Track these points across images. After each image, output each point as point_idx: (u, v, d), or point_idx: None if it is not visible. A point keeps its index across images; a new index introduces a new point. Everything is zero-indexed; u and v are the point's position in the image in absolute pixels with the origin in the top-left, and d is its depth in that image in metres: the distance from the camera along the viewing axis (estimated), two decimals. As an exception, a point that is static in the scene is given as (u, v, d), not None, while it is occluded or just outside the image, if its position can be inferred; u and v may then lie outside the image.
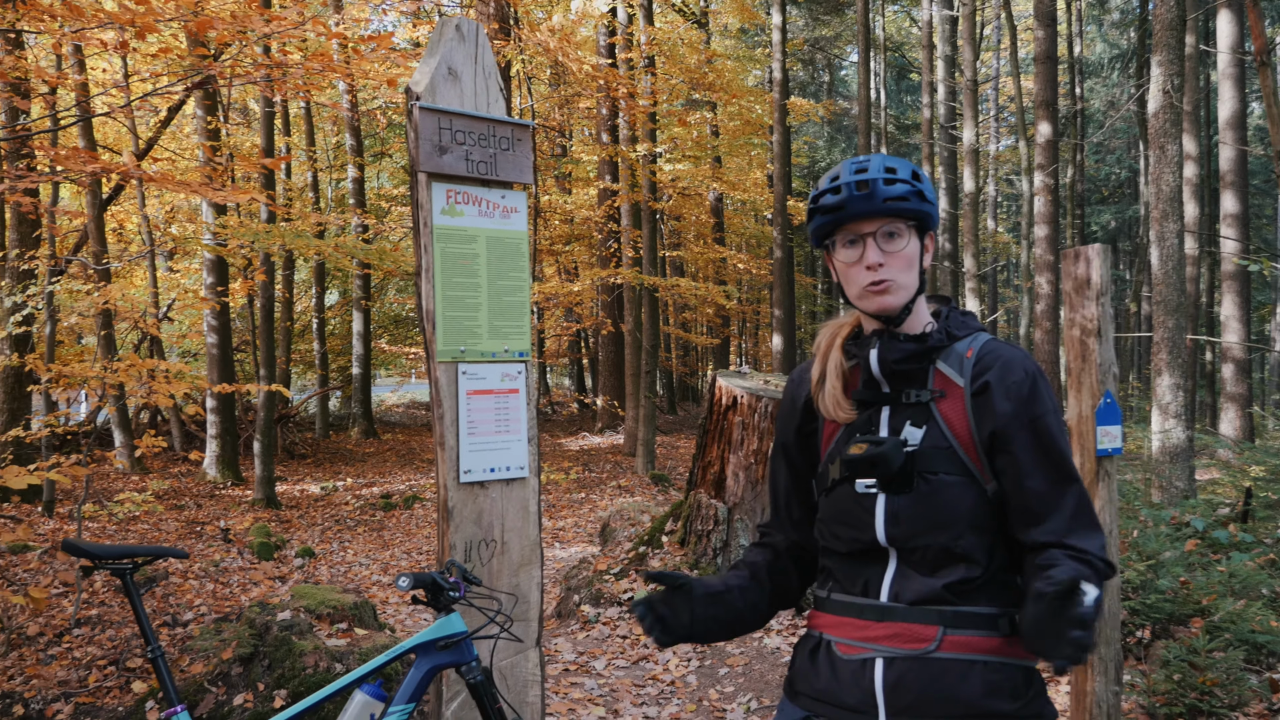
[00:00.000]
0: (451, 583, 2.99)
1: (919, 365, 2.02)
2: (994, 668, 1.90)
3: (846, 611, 2.02)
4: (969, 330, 2.07)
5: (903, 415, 2.01)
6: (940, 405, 1.99)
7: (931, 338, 2.02)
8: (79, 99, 10.51)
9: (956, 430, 1.96)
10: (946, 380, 2.01)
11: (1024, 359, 2.00)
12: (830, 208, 2.00)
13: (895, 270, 1.99)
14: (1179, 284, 9.64)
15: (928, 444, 1.96)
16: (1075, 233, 29.56)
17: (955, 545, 1.92)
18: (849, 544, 2.02)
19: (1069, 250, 3.91)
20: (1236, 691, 4.78)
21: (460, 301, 3.45)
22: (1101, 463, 3.87)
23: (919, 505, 1.93)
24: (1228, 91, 16.71)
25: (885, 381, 2.05)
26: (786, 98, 22.25)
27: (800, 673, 2.10)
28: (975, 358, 2.01)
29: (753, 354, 41.24)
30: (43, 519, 10.52)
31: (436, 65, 3.42)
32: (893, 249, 1.99)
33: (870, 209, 1.96)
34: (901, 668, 1.91)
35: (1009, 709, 1.89)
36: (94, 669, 5.75)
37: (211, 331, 15.60)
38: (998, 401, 1.95)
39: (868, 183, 1.96)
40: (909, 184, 1.97)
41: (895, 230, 1.99)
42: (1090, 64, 37.40)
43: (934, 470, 1.94)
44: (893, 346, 2.02)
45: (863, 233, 1.99)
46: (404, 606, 9.03)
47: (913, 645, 1.91)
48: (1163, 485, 9.49)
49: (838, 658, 2.00)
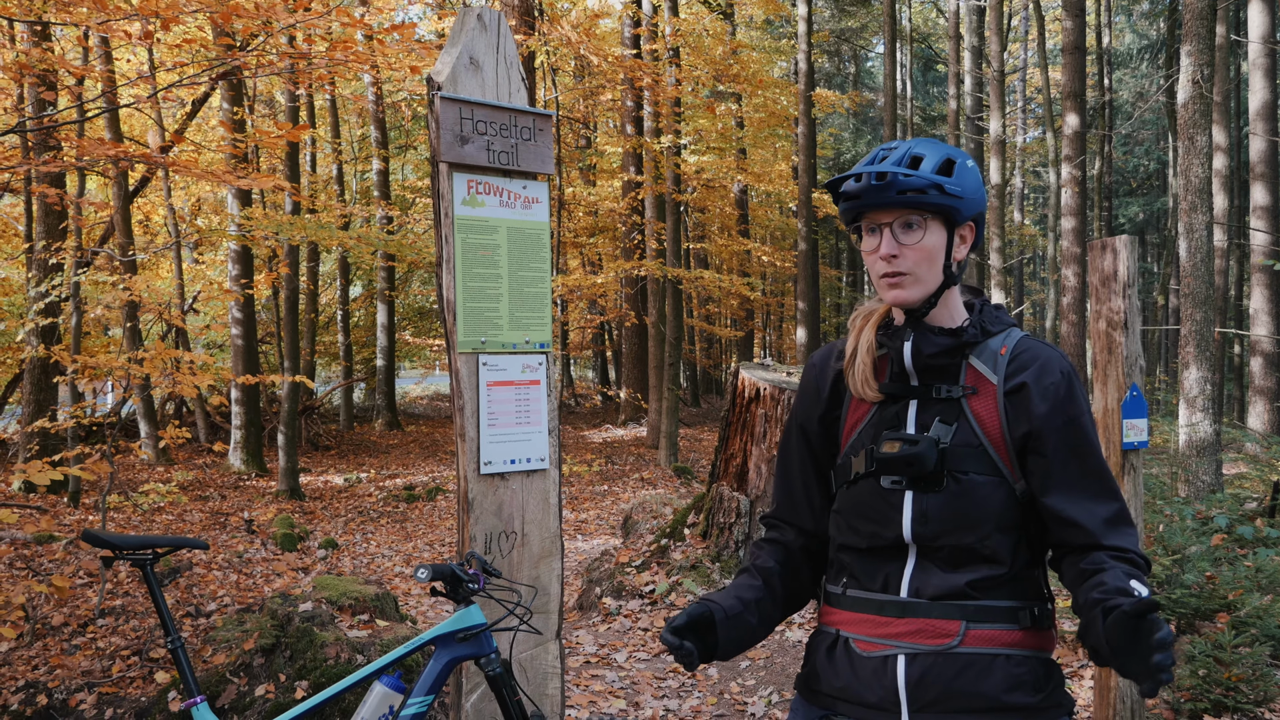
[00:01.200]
0: (471, 574, 2.98)
1: (952, 360, 1.99)
2: (1016, 661, 1.89)
3: (865, 608, 1.99)
4: (1003, 326, 2.03)
5: (931, 410, 1.98)
6: (971, 402, 1.96)
7: (967, 333, 1.99)
8: (105, 90, 10.56)
9: (987, 428, 1.93)
10: (979, 376, 1.98)
11: (1060, 358, 1.97)
12: (850, 195, 1.97)
13: (911, 263, 1.95)
14: (1207, 277, 9.55)
15: (958, 442, 1.93)
16: (1102, 225, 29.36)
17: (981, 545, 1.90)
18: (869, 539, 1.99)
19: (1096, 242, 3.87)
20: (1262, 687, 4.73)
21: (481, 292, 3.44)
22: (1127, 456, 3.84)
23: (949, 505, 1.91)
24: (1258, 82, 16.52)
25: (915, 374, 2.01)
26: (812, 89, 22.17)
27: (816, 671, 2.06)
28: (1010, 355, 1.98)
29: (777, 346, 41.14)
30: (69, 509, 10.61)
31: (458, 55, 3.40)
32: (909, 240, 1.94)
33: (884, 200, 1.92)
34: (924, 664, 1.89)
35: (1031, 702, 1.88)
36: (117, 659, 5.78)
37: (236, 323, 15.68)
38: (1035, 403, 1.92)
39: (885, 173, 1.91)
40: (929, 177, 1.91)
41: (913, 221, 1.94)
42: (1119, 54, 37.10)
43: (964, 469, 1.91)
44: (927, 340, 1.98)
45: (880, 222, 1.96)
46: (426, 598, 9.06)
47: (935, 641, 1.89)
48: (1189, 479, 9.42)
49: (857, 655, 1.97)
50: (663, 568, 7.57)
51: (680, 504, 9.78)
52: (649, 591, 7.34)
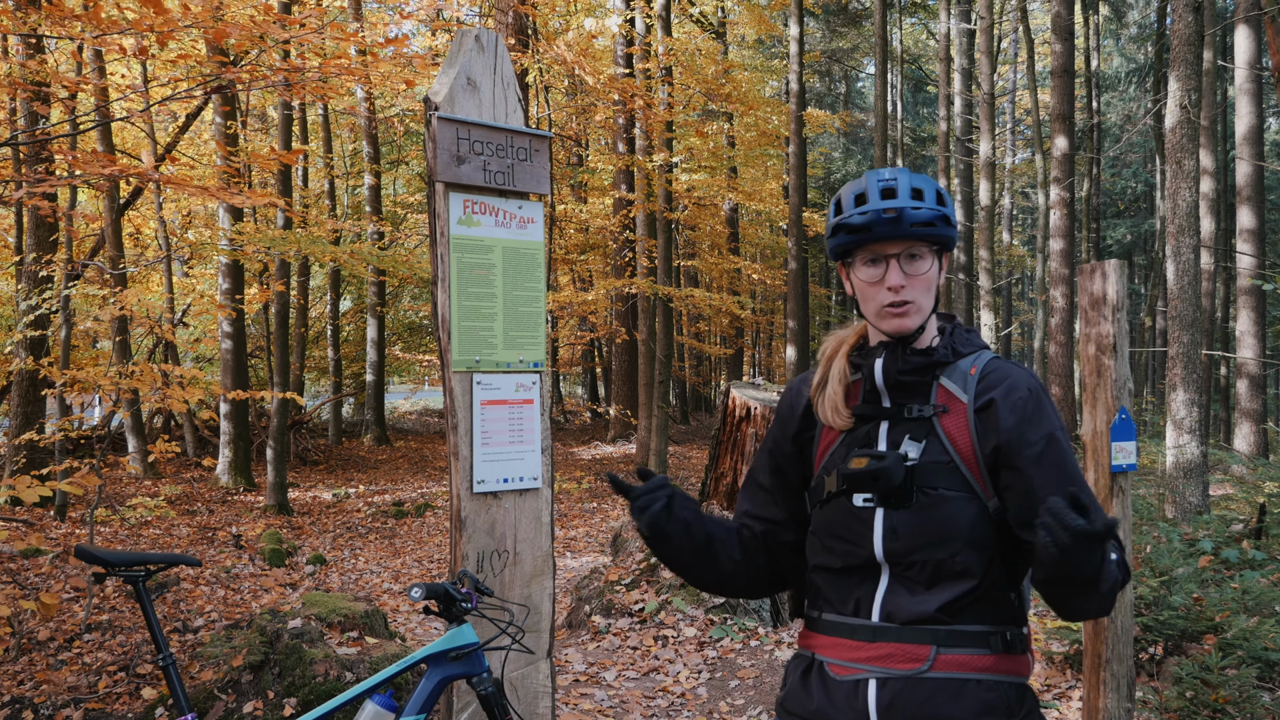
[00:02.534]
0: (464, 593, 2.99)
1: (922, 379, 2.03)
2: (987, 686, 1.90)
3: (838, 632, 2.02)
4: (973, 348, 2.07)
5: (902, 429, 2.01)
6: (943, 420, 1.98)
7: (937, 352, 2.03)
8: (98, 104, 10.58)
9: (959, 446, 1.96)
10: (950, 396, 2.01)
11: (1028, 377, 2.00)
12: (855, 227, 2.00)
13: (916, 292, 2.00)
14: (1195, 299, 9.61)
15: (928, 459, 1.95)
16: (1090, 246, 29.50)
17: (954, 561, 1.91)
18: (843, 558, 2.01)
19: (1085, 265, 3.90)
20: (1249, 709, 4.75)
21: (476, 311, 3.46)
22: (1116, 479, 3.86)
23: (918, 520, 1.93)
24: (1245, 107, 16.65)
25: (887, 394, 2.05)
26: (803, 109, 22.26)
27: (792, 693, 2.09)
28: (979, 374, 2.01)
29: (766, 365, 41.22)
30: (55, 523, 10.56)
31: (456, 75, 3.42)
32: (915, 271, 1.99)
33: (897, 234, 1.96)
34: (894, 688, 1.91)
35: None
36: (104, 675, 5.76)
37: (226, 337, 15.65)
38: (1003, 416, 1.94)
39: (896, 208, 1.95)
40: (934, 209, 1.97)
41: (918, 253, 1.99)
42: (1107, 78, 37.32)
43: (934, 485, 1.93)
44: (900, 358, 2.03)
45: (886, 254, 2.00)
46: (415, 615, 9.04)
47: (905, 665, 1.91)
48: (1176, 501, 9.45)
49: (830, 679, 2.00)
50: (652, 586, 7.57)
51: (669, 522, 9.77)
52: (638, 610, 7.34)
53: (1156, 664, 5.64)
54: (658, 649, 6.75)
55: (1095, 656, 3.86)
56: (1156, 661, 5.65)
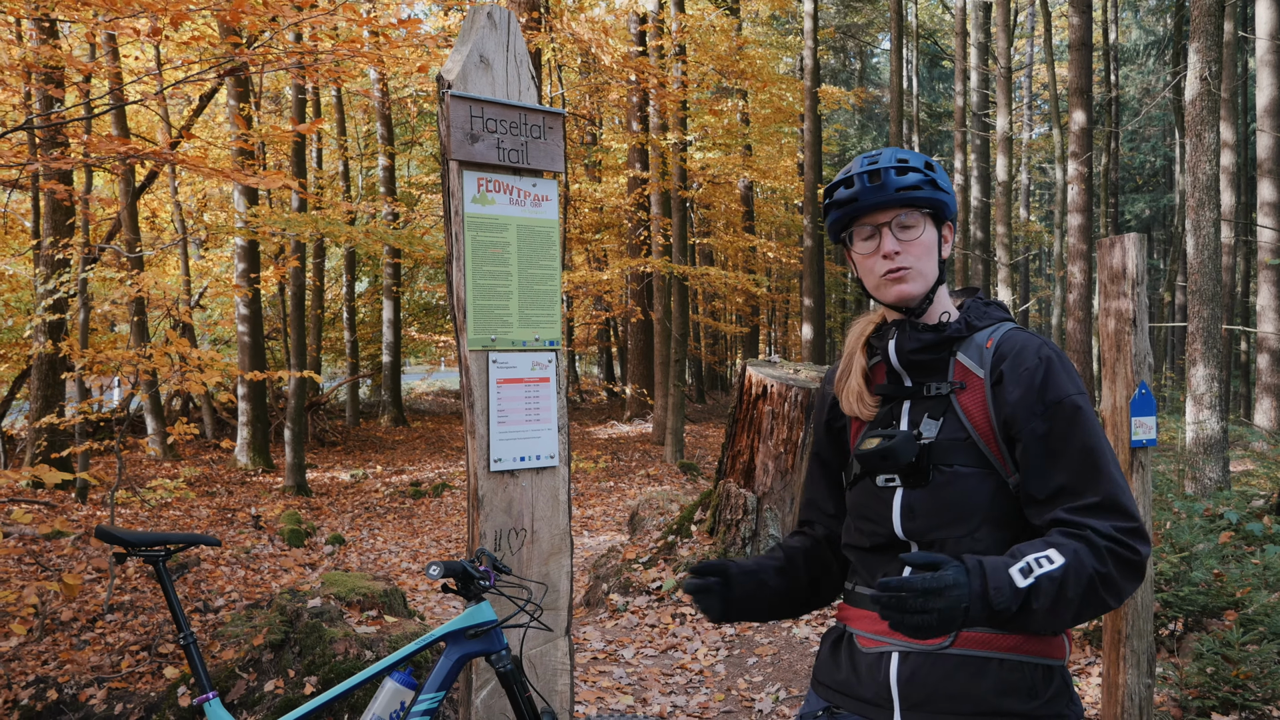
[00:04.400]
0: (482, 571, 2.99)
1: (937, 355, 2.01)
2: (1010, 666, 1.87)
3: (866, 604, 2.02)
4: (991, 320, 2.04)
5: (922, 408, 2.01)
6: (960, 397, 1.97)
7: (949, 327, 2.01)
8: (112, 87, 10.59)
9: (976, 422, 1.94)
10: (966, 371, 1.99)
11: (1040, 345, 1.96)
12: (843, 201, 2.01)
13: (912, 258, 1.99)
14: (1215, 273, 9.54)
15: (944, 436, 1.94)
16: (1109, 221, 29.31)
17: (973, 539, 1.89)
18: (870, 537, 2.03)
19: (1105, 239, 3.87)
20: (1270, 685, 4.73)
21: (491, 290, 3.45)
22: (1136, 454, 3.84)
23: (934, 497, 1.92)
24: (1266, 78, 16.47)
25: (906, 374, 2.04)
26: (817, 85, 22.15)
27: (822, 664, 2.11)
28: (994, 348, 1.99)
29: (782, 343, 41.16)
30: (76, 505, 10.63)
31: (468, 53, 3.40)
32: (908, 237, 1.99)
33: (883, 199, 1.97)
34: (915, 662, 1.91)
35: (1024, 709, 1.86)
36: (126, 654, 5.80)
37: (243, 320, 15.70)
38: (1009, 389, 1.92)
39: (879, 173, 1.97)
40: (921, 173, 1.98)
41: (910, 221, 1.99)
42: (1126, 51, 37.01)
43: (949, 462, 1.92)
44: (909, 336, 2.02)
45: (878, 223, 2.00)
46: (433, 594, 9.07)
47: (927, 640, 1.88)
48: (1196, 477, 9.41)
49: (857, 650, 2.01)
50: (670, 564, 7.58)
51: (686, 500, 9.79)
52: (656, 588, 7.35)
53: (1177, 640, 5.62)
54: (675, 626, 6.76)
55: (1115, 633, 3.85)
56: (1177, 638, 5.63)
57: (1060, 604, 1.73)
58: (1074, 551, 1.75)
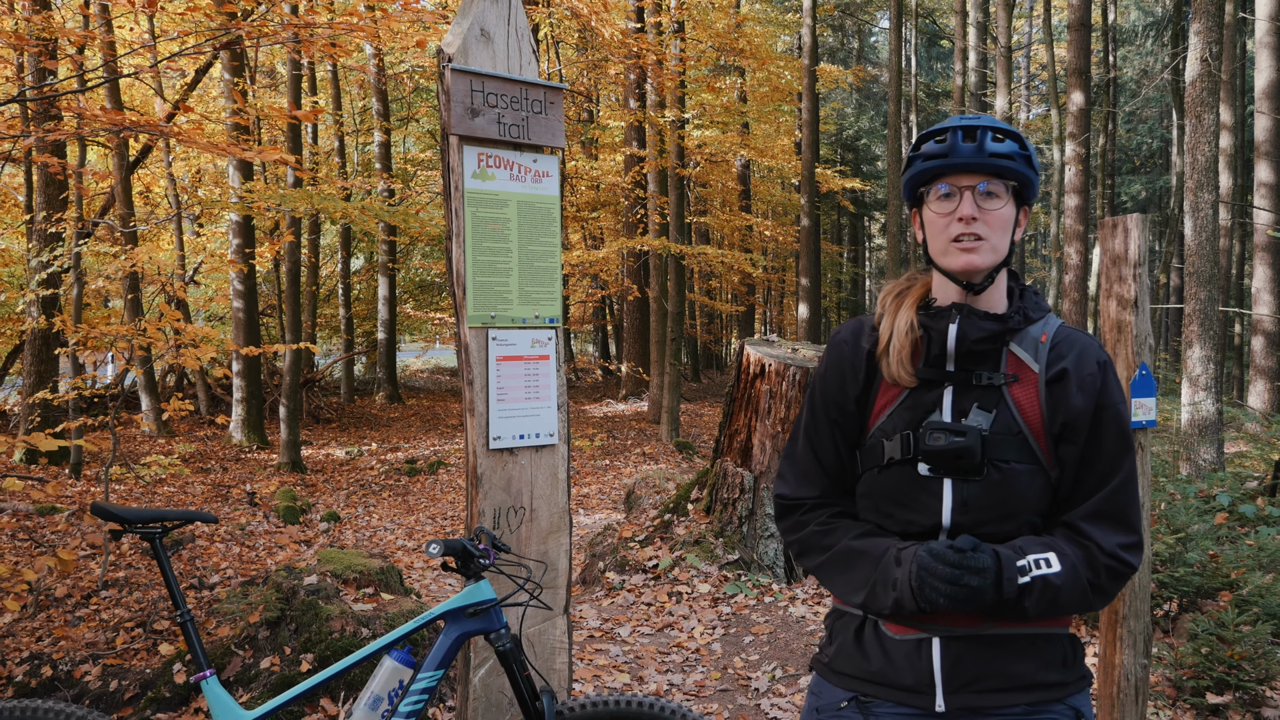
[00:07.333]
0: (481, 550, 2.97)
1: (994, 346, 1.95)
2: (1046, 640, 1.92)
3: None
4: (1042, 312, 2.00)
5: (970, 397, 1.94)
6: (1013, 390, 1.93)
7: (1012, 319, 1.95)
8: (106, 59, 10.49)
9: (1028, 416, 1.91)
10: (1020, 364, 1.95)
11: (1098, 349, 1.95)
12: (933, 154, 1.94)
13: (989, 229, 1.91)
14: (1213, 255, 9.53)
15: (998, 429, 1.90)
16: (1105, 203, 29.30)
17: (1018, 533, 1.90)
18: (903, 525, 1.96)
19: (1106, 220, 3.85)
20: (1264, 665, 4.75)
21: (491, 266, 3.42)
22: (1136, 435, 3.83)
23: (990, 494, 1.88)
24: (1265, 60, 16.43)
25: (953, 359, 1.96)
26: (816, 64, 22.07)
27: (844, 654, 2.04)
28: (1050, 343, 1.96)
29: (778, 322, 41.12)
30: (70, 481, 10.60)
31: (469, 26, 3.37)
32: (990, 206, 1.92)
33: (975, 161, 1.90)
34: (959, 647, 1.90)
35: (1061, 678, 1.92)
36: (121, 631, 5.79)
37: (238, 295, 15.65)
38: (1073, 393, 1.90)
39: (976, 131, 1.91)
40: (1017, 144, 1.92)
41: (995, 190, 1.92)
42: (1124, 31, 36.90)
43: (1005, 458, 1.88)
44: (975, 324, 1.94)
45: (961, 185, 1.92)
46: (429, 572, 9.07)
47: (969, 623, 1.89)
48: (1191, 458, 9.43)
49: (888, 638, 1.96)
50: (666, 543, 7.58)
51: (682, 479, 9.79)
52: (652, 566, 7.35)
53: (1172, 620, 5.64)
54: (672, 605, 6.77)
55: (1112, 613, 3.85)
56: (1172, 618, 5.65)
57: (1048, 605, 1.84)
58: (1072, 564, 1.85)
